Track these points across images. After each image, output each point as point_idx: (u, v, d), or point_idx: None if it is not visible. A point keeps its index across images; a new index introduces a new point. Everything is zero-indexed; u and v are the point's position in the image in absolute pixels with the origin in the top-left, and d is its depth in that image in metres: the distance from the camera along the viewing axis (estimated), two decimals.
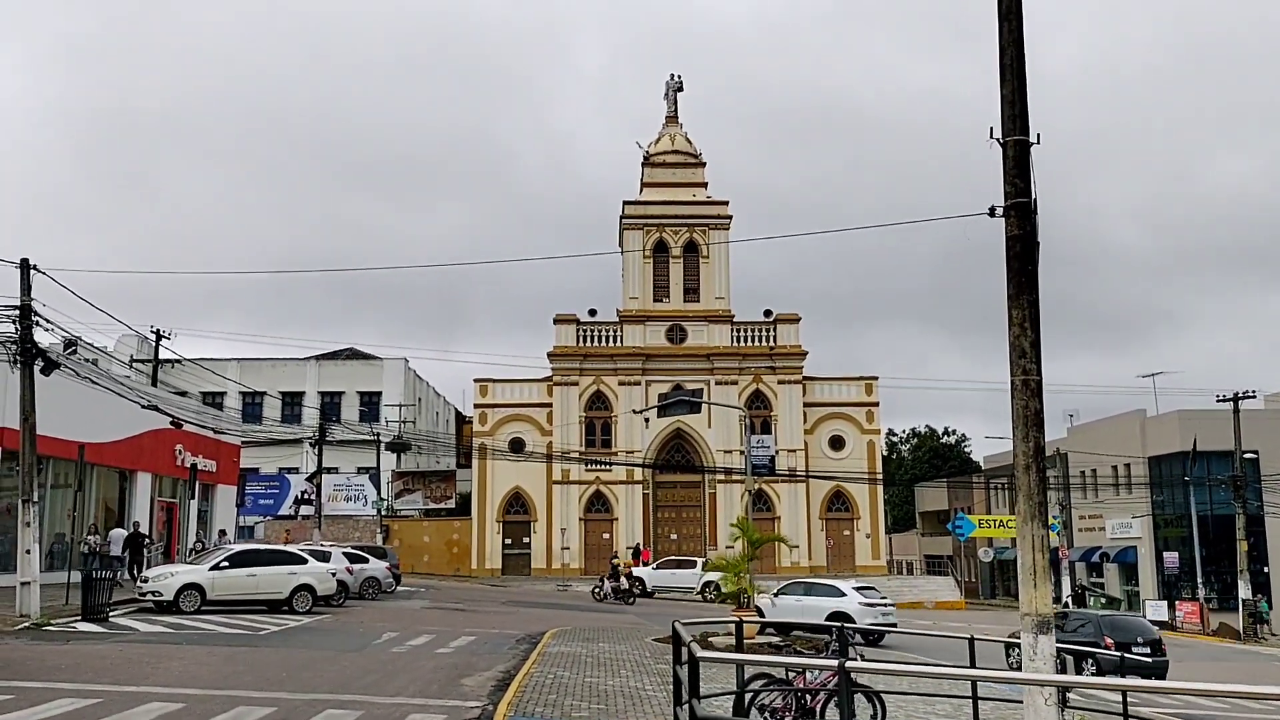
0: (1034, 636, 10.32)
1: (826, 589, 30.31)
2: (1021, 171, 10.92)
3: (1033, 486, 10.53)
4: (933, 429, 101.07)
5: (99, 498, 34.14)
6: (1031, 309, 10.72)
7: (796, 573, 53.51)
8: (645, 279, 58.38)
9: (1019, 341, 10.69)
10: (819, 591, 29.97)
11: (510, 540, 56.62)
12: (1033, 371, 10.64)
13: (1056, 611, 30.98)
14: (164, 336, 44.60)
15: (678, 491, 57.82)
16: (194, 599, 24.66)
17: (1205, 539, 47.60)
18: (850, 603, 28.78)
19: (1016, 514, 10.82)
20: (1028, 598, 10.37)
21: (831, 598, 29.21)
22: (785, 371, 57.51)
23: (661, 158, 60.49)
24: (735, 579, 22.53)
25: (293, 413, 62.19)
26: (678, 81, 63.16)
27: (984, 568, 70.16)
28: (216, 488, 41.76)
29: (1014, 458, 10.72)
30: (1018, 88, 11.07)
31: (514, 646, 20.85)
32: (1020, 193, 10.87)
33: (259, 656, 17.52)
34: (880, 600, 30.13)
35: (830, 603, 28.74)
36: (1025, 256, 10.79)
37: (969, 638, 12.72)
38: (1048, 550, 10.59)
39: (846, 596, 29.20)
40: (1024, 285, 10.75)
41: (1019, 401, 10.63)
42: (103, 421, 31.16)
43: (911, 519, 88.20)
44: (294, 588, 25.93)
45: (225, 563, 25.60)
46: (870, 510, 58.07)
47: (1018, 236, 10.84)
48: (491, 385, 58.12)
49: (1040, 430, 10.62)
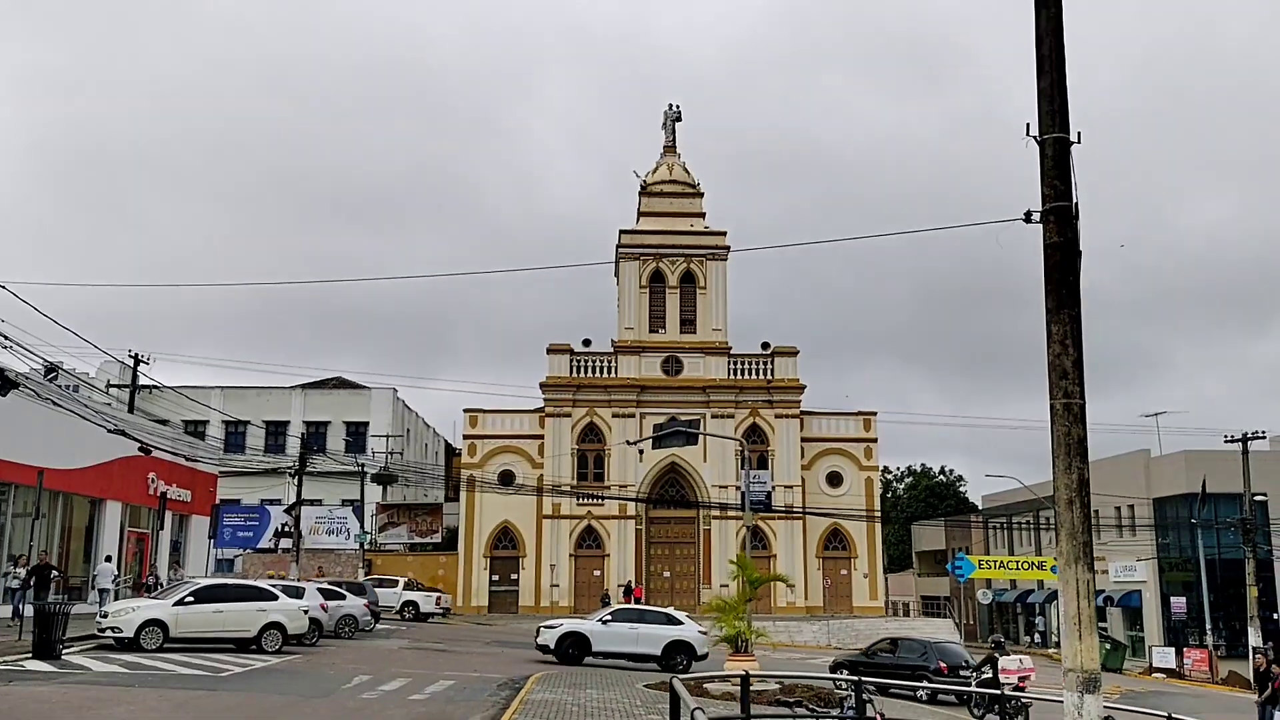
0: (1079, 696, 9.05)
1: (661, 616, 28.87)
2: (1061, 172, 9.78)
3: (1076, 524, 9.29)
4: (927, 467, 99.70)
5: (66, 527, 32.65)
6: (1073, 324, 9.54)
7: (792, 613, 52.09)
8: (641, 309, 57.26)
9: (1059, 361, 9.50)
10: (653, 619, 28.42)
11: (498, 577, 55.01)
12: (1075, 394, 9.45)
13: (888, 639, 30.16)
14: (142, 361, 43.34)
15: (672, 528, 56.34)
16: (156, 636, 23.17)
17: (1213, 584, 46.23)
18: (689, 631, 27.70)
19: (1058, 555, 9.57)
20: (1072, 651, 9.11)
21: (669, 625, 27.91)
22: (782, 405, 56.28)
23: (659, 187, 59.61)
24: (734, 621, 21.11)
25: (277, 442, 60.62)
26: (676, 111, 62.41)
27: (982, 610, 68.63)
28: (191, 518, 40.27)
29: (1054, 491, 9.49)
30: (1056, 80, 9.96)
31: (494, 693, 19.43)
32: (1060, 195, 9.73)
33: (213, 703, 16.10)
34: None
35: (669, 631, 27.50)
36: (1065, 266, 9.63)
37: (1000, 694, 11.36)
38: (1093, 597, 9.34)
39: (684, 625, 28.04)
40: (1064, 298, 9.58)
41: (1060, 428, 9.42)
42: (69, 447, 29.80)
43: (908, 558, 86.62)
44: (263, 625, 24.46)
45: (190, 598, 24.12)
46: (868, 549, 56.63)
47: (1058, 244, 9.68)
48: (482, 416, 56.78)
49: (1084, 460, 9.41)
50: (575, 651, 26.92)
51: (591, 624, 27.88)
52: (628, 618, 28.33)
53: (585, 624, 28.00)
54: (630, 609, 30.50)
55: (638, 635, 27.38)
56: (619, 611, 29.08)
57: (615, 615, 28.46)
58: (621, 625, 27.70)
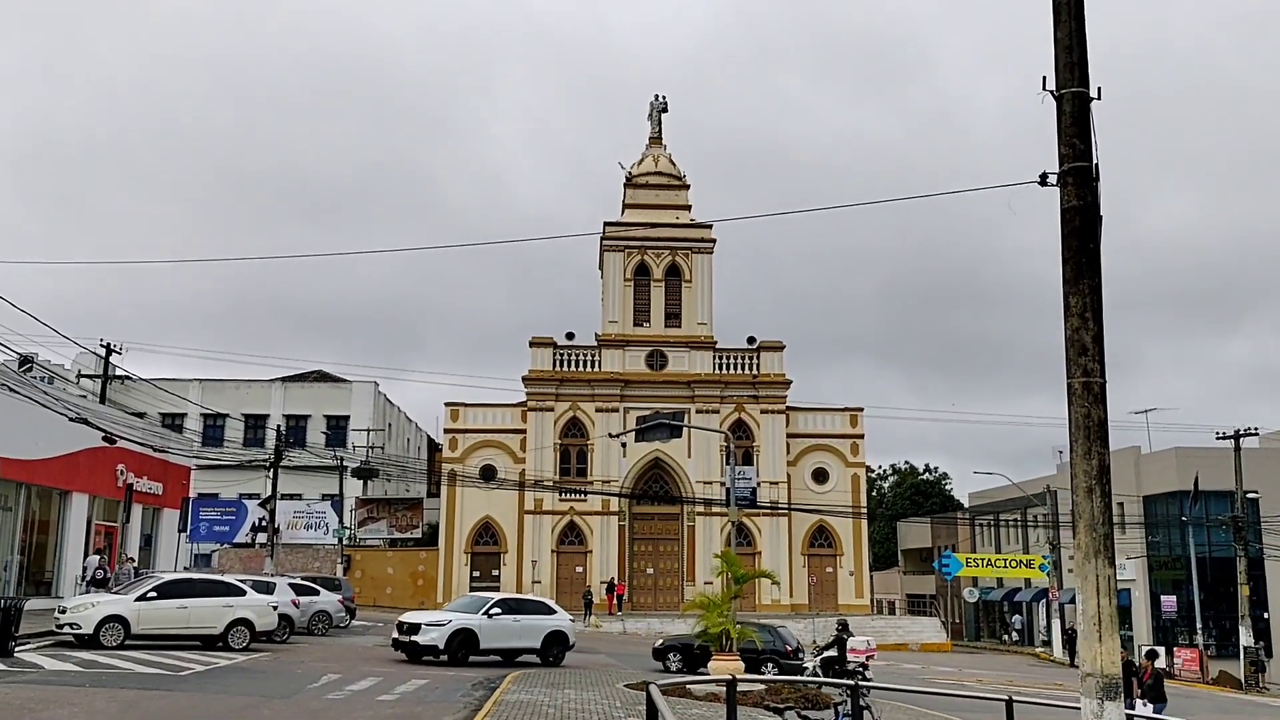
0: (1099, 703, 8.24)
1: (539, 605, 27.17)
2: (1081, 130, 8.95)
3: (1096, 514, 8.48)
4: (912, 466, 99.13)
5: (29, 519, 31.54)
6: (1093, 296, 8.72)
7: (777, 611, 51.30)
8: (625, 303, 56.36)
9: (1078, 336, 8.68)
10: (532, 609, 26.60)
11: (479, 572, 54.03)
12: (1095, 372, 8.63)
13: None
14: (114, 351, 42.20)
15: (655, 524, 55.49)
16: (117, 633, 22.18)
17: (1204, 582, 45.68)
18: (563, 620, 26.32)
19: (1075, 548, 8.77)
20: (1091, 654, 8.29)
21: (547, 615, 26.25)
22: (768, 401, 55.49)
23: (644, 179, 58.70)
24: (718, 619, 20.27)
25: (256, 436, 59.53)
26: (662, 102, 61.54)
27: (969, 608, 68.15)
28: (163, 512, 39.20)
29: (1072, 479, 8.68)
30: (1075, 30, 9.14)
31: (468, 693, 18.56)
32: (1080, 155, 8.90)
33: (166, 704, 15.16)
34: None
35: (548, 622, 25.89)
36: (1085, 232, 8.81)
37: (1006, 699, 10.55)
38: (1114, 594, 8.54)
39: (558, 614, 26.68)
40: (1084, 267, 8.75)
41: (1079, 409, 8.60)
42: (32, 437, 28.73)
43: (892, 556, 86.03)
44: (230, 622, 23.48)
45: (154, 593, 23.13)
46: (854, 547, 55.91)
47: (1076, 208, 8.85)
48: (463, 410, 55.80)
49: (1105, 445, 8.59)
50: (464, 652, 24.22)
51: (479, 619, 24.88)
52: (509, 609, 25.77)
53: (473, 619, 24.86)
54: (510, 599, 27.44)
55: (521, 628, 25.33)
56: (501, 602, 26.10)
57: (498, 607, 25.57)
58: (506, 618, 25.23)
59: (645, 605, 53.28)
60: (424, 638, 24.00)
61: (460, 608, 26.46)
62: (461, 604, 27.28)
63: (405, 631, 24.40)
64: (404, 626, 24.58)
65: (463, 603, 27.56)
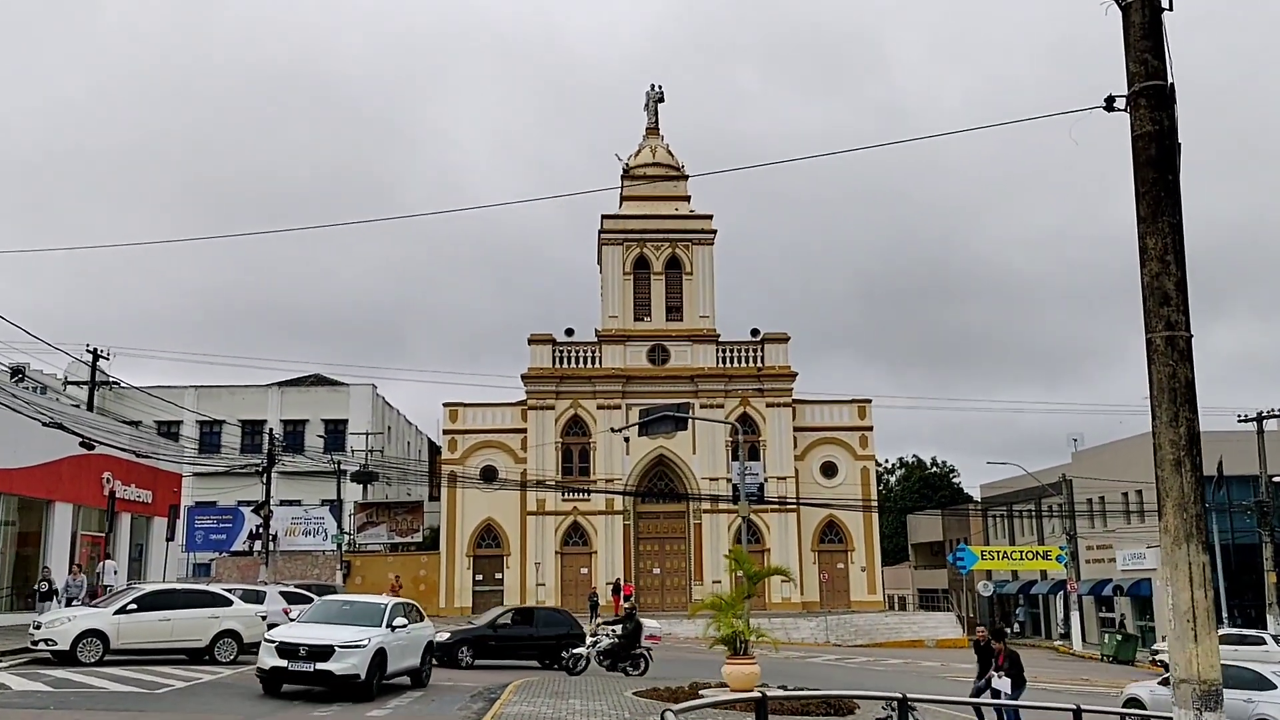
0: (1195, 714, 6.98)
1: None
2: (1153, 44, 7.69)
3: (1187, 492, 7.21)
4: (920, 459, 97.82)
5: (9, 531, 30.29)
6: (1175, 235, 7.45)
7: (788, 609, 50.02)
8: (625, 297, 55.07)
9: (1159, 283, 7.41)
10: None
11: (481, 576, 52.79)
12: (1180, 324, 7.36)
13: (513, 609, 28.21)
14: (101, 356, 40.98)
15: (661, 522, 54.20)
16: (95, 648, 20.92)
17: (1227, 570, 44.32)
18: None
19: (1162, 533, 7.48)
20: (1186, 656, 7.02)
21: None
22: (774, 394, 54.17)
23: (641, 170, 57.37)
24: (731, 620, 18.99)
25: (254, 442, 58.21)
26: (658, 92, 60.30)
27: (983, 602, 66.76)
28: (153, 520, 37.95)
29: (1156, 451, 7.41)
30: None
31: (466, 704, 17.34)
32: (1153, 74, 7.62)
33: None
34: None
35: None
36: (1161, 161, 7.54)
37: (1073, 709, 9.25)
38: (1209, 585, 7.27)
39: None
40: (1162, 202, 7.49)
41: (1162, 368, 7.34)
42: (10, 445, 27.50)
43: (903, 551, 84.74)
44: (216, 634, 22.25)
45: (134, 605, 21.85)
46: (865, 542, 54.61)
47: (1150, 134, 7.58)
48: (462, 410, 54.54)
49: (1193, 409, 7.34)
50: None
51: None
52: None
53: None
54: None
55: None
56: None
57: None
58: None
59: (652, 606, 51.92)
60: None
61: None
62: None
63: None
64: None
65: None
